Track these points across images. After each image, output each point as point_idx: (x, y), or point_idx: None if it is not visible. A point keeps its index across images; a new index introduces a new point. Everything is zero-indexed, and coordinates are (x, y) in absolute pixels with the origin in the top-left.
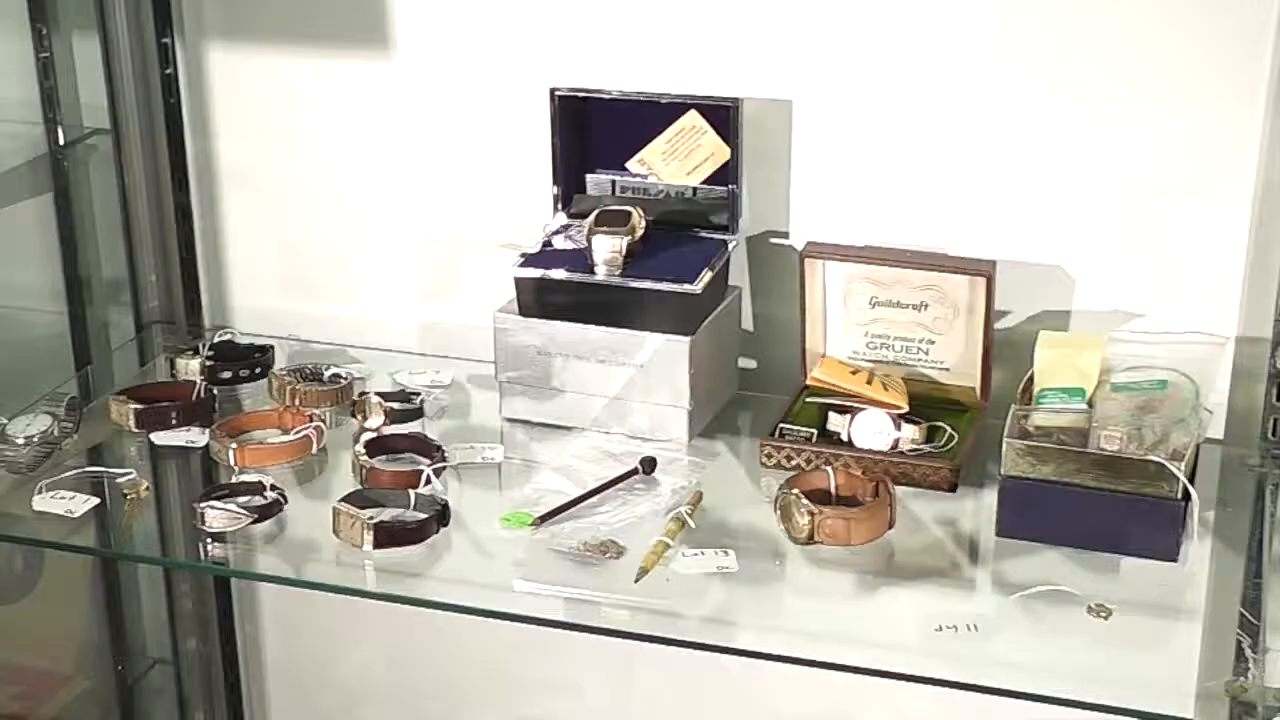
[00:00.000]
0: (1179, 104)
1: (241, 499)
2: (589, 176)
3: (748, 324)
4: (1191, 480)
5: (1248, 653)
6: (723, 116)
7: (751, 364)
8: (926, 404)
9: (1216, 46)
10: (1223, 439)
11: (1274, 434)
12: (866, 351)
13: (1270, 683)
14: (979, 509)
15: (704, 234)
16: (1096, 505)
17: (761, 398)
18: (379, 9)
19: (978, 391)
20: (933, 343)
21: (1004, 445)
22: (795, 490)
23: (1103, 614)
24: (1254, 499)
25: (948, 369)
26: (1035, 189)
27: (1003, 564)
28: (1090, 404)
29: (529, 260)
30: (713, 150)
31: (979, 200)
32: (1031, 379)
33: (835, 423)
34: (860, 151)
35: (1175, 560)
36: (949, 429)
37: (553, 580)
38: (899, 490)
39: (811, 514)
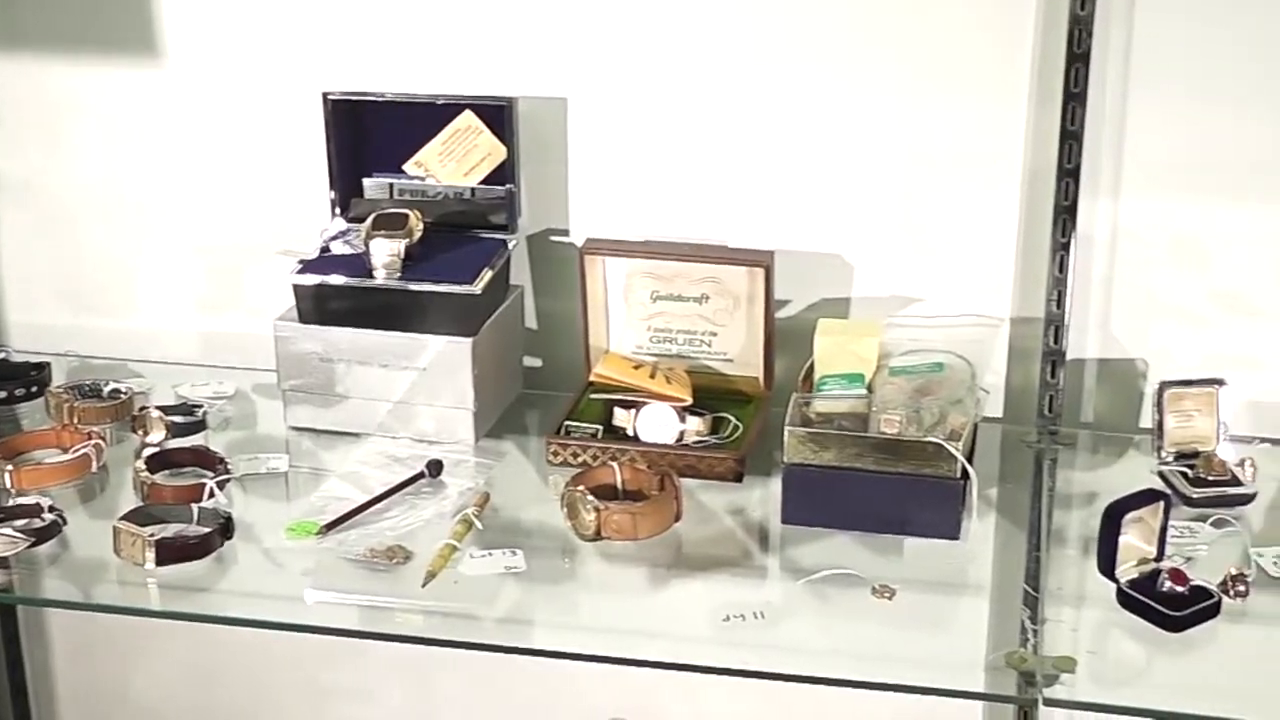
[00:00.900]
0: (947, 95)
1: (19, 522)
2: (366, 180)
3: (531, 323)
4: (970, 459)
5: (1027, 624)
6: (498, 116)
7: (537, 362)
8: (711, 395)
9: (982, 38)
10: (1002, 418)
11: (1050, 411)
12: (650, 345)
13: (1051, 652)
14: (766, 498)
15: (484, 234)
16: (878, 488)
17: (548, 396)
18: (147, 15)
19: (761, 381)
20: (715, 334)
21: (785, 433)
22: (580, 487)
23: (887, 594)
24: (1033, 475)
25: (731, 360)
26: (812, 180)
27: (790, 551)
28: (870, 389)
29: (307, 266)
30: (489, 150)
31: (757, 193)
32: (812, 367)
33: (620, 418)
34: (637, 147)
35: (957, 538)
36: (734, 419)
37: (343, 588)
38: (686, 482)
39: (597, 510)
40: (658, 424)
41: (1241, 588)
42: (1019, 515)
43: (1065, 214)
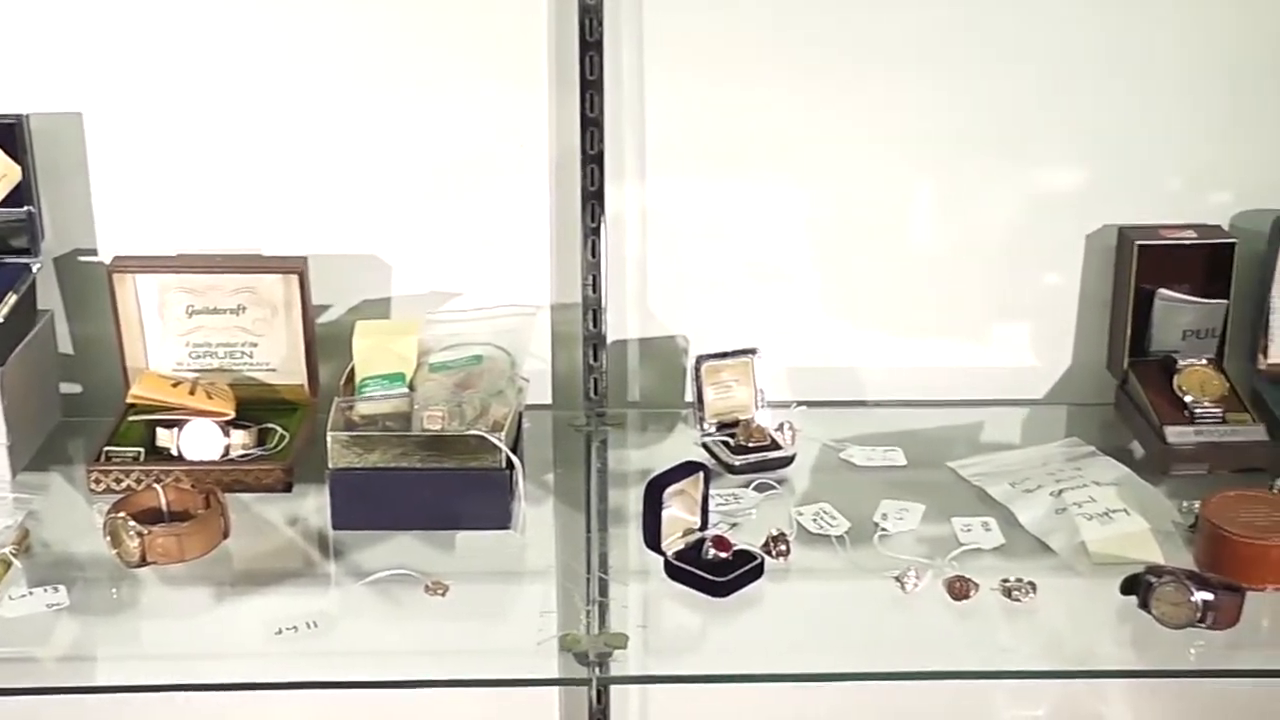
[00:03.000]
0: (467, 87)
1: None
2: None
3: (67, 347)
4: (516, 448)
5: (579, 605)
6: (8, 135)
7: (76, 388)
8: (257, 406)
9: (496, 29)
10: (551, 403)
11: (596, 393)
12: (190, 361)
13: (606, 630)
14: (319, 505)
15: (5, 259)
16: (427, 485)
17: (90, 422)
18: None
19: (306, 388)
20: (256, 344)
21: (328, 439)
22: (122, 514)
23: (440, 591)
24: (585, 458)
25: (274, 369)
26: (342, 182)
27: (344, 556)
28: (411, 387)
29: None
30: (3, 171)
31: (288, 198)
32: (353, 370)
33: (164, 438)
34: (161, 159)
35: (510, 528)
36: (280, 429)
37: None
38: (238, 496)
39: (140, 535)
40: (201, 441)
41: (783, 547)
42: (575, 499)
43: (593, 199)
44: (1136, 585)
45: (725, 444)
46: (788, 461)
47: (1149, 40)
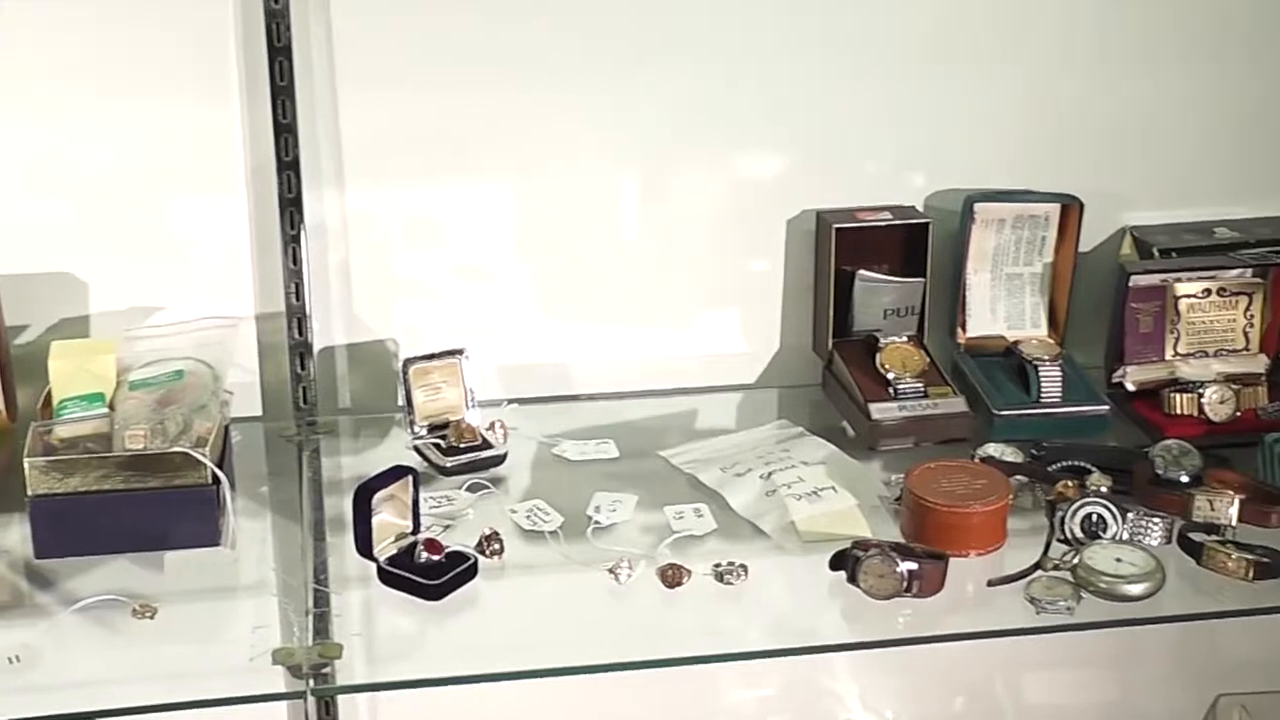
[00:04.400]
0: (158, 97)
1: None
2: None
3: None
4: (223, 462)
5: (293, 617)
6: None
7: None
8: None
9: (186, 38)
10: (262, 415)
11: (306, 402)
12: None
13: (323, 641)
14: (22, 535)
15: None
16: (132, 507)
17: None
18: None
19: (3, 414)
20: None
21: (25, 465)
22: None
23: (148, 614)
24: (297, 468)
25: None
26: (31, 198)
27: (50, 586)
28: (111, 407)
29: None
30: None
31: None
32: (50, 393)
33: None
34: None
35: (220, 544)
36: None
37: None
38: None
39: None
40: None
41: (496, 546)
42: (290, 510)
43: (291, 206)
44: (844, 560)
45: (437, 446)
46: (500, 460)
47: (837, 26)
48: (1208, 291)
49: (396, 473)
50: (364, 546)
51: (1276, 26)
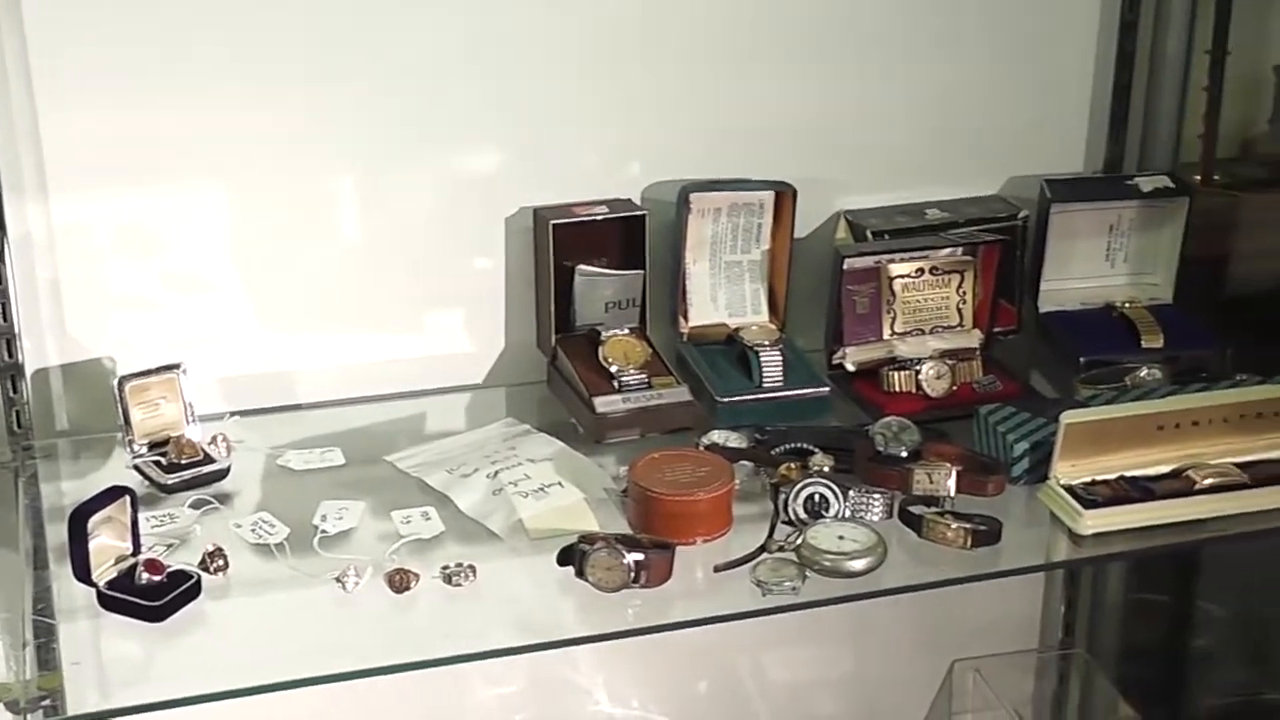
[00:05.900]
0: None
1: None
2: None
3: None
4: None
5: (8, 651)
6: None
7: None
8: None
9: None
10: None
11: (20, 426)
12: None
13: (42, 672)
14: None
15: None
16: None
17: None
18: None
19: None
20: None
21: None
22: None
23: None
24: (14, 495)
25: None
26: None
27: None
28: None
29: None
30: None
31: None
32: None
33: None
34: None
35: None
36: None
37: None
38: None
39: None
40: None
41: (221, 562)
42: (9, 540)
43: None
44: (572, 555)
45: (157, 463)
46: (223, 474)
47: (546, 22)
48: (921, 271)
49: (113, 494)
50: (81, 571)
51: (971, 15)
